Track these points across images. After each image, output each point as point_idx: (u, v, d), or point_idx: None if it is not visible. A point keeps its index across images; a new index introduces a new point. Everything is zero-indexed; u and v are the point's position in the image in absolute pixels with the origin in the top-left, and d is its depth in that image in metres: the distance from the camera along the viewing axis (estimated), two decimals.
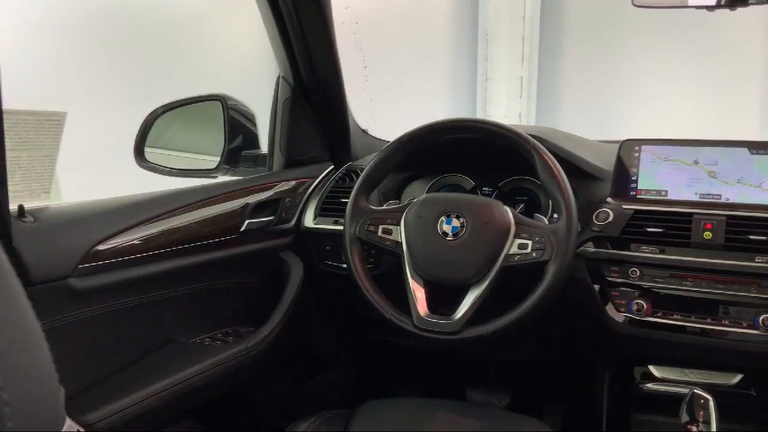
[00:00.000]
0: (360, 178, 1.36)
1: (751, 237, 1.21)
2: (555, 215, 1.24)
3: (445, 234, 1.25)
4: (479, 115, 5.03)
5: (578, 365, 1.58)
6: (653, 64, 4.84)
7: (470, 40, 5.33)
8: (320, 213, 1.60)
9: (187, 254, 1.31)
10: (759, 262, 1.20)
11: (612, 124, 4.89)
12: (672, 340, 1.28)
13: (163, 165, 1.63)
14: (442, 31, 5.21)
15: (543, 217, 1.29)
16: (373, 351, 1.98)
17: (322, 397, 1.85)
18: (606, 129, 4.73)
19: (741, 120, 4.57)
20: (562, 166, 1.24)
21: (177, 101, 1.64)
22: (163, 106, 1.63)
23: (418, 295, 1.25)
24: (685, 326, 1.25)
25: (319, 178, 1.67)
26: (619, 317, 1.30)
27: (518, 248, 1.21)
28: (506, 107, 5.35)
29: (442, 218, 1.26)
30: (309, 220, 1.59)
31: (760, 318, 1.19)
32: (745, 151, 1.29)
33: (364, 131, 1.81)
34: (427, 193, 1.58)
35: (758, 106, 4.57)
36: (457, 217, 1.25)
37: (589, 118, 5.09)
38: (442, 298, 1.25)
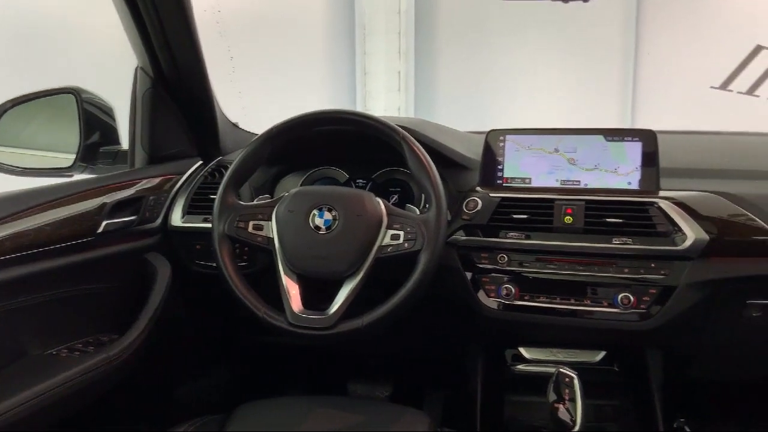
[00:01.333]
0: (227, 172, 1.31)
1: (608, 220, 1.28)
2: (427, 205, 1.24)
3: (318, 228, 1.22)
4: (359, 109, 5.05)
5: (455, 352, 1.60)
6: (524, 58, 5.05)
7: (348, 34, 5.33)
8: (189, 211, 1.52)
9: (38, 260, 1.20)
10: (615, 244, 1.26)
11: (487, 116, 5.06)
12: (540, 322, 1.32)
13: (11, 164, 1.50)
14: (318, 24, 5.18)
15: (415, 208, 1.30)
16: (252, 351, 1.92)
17: (198, 403, 1.77)
18: (481, 120, 4.89)
19: (602, 110, 4.86)
20: (431, 157, 1.25)
21: (25, 95, 1.51)
22: (10, 101, 1.50)
23: (292, 291, 1.22)
24: (551, 308, 1.30)
25: (187, 174, 1.59)
26: (490, 302, 1.33)
27: (391, 239, 1.21)
28: (385, 101, 5.40)
29: (314, 212, 1.23)
30: (176, 219, 1.51)
31: (619, 297, 1.26)
32: (601, 138, 1.35)
33: (235, 125, 1.74)
34: (300, 186, 1.55)
35: (617, 96, 4.88)
36: (329, 210, 1.23)
37: (465, 110, 5.24)
38: (318, 293, 1.23)
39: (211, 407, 1.37)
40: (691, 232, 1.23)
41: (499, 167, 1.40)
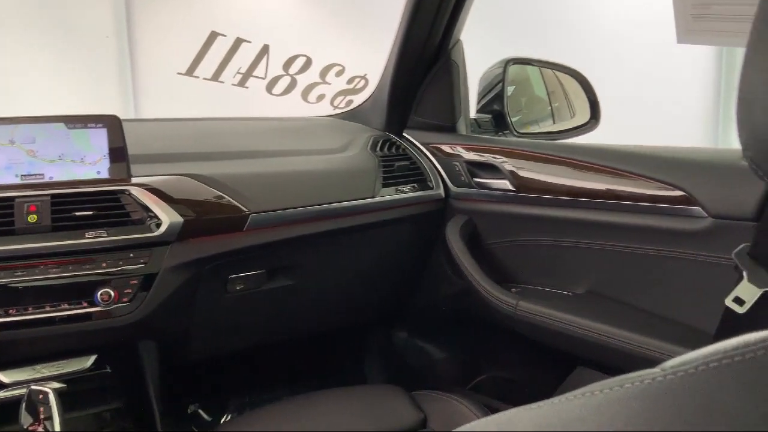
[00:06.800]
0: None
1: (77, 213, 1.18)
2: None
3: None
4: None
5: None
6: (14, 46, 4.50)
7: None
8: None
9: None
10: (89, 238, 1.18)
11: None
12: (14, 338, 1.16)
13: None
14: None
15: None
16: None
17: None
18: None
19: (107, 100, 4.65)
20: None
21: None
22: None
23: None
24: (23, 320, 1.14)
25: None
26: None
27: None
28: None
29: None
30: None
31: (98, 293, 1.19)
32: (62, 126, 1.24)
33: None
34: None
35: (119, 86, 4.71)
36: None
37: None
38: None
39: None
40: (166, 217, 1.22)
41: None
